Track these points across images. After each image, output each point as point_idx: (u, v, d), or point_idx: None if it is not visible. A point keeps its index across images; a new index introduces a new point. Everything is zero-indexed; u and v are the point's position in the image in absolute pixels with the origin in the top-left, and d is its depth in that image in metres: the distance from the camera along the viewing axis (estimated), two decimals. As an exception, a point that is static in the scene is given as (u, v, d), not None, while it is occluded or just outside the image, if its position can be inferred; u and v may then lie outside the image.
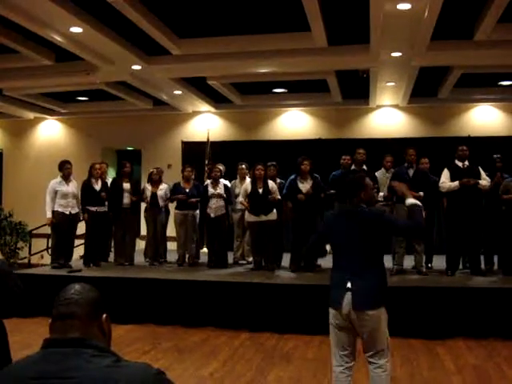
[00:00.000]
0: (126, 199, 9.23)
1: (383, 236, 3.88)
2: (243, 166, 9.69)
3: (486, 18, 7.35)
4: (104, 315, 1.80)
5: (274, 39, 8.36)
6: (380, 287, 3.76)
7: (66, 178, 8.82)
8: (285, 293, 7.38)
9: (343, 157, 8.81)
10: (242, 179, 9.47)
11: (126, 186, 9.29)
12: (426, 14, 6.93)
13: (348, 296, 3.65)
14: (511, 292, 7.04)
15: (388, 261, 6.50)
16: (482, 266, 8.22)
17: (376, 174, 8.59)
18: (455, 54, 8.96)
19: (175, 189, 9.35)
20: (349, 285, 3.67)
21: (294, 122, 13.12)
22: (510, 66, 9.83)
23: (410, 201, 3.89)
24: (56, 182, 8.81)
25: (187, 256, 9.33)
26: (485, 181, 7.95)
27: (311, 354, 6.26)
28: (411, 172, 8.20)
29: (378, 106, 12.80)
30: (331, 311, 3.81)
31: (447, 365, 5.83)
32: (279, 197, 8.50)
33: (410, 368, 5.68)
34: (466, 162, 8.08)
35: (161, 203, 9.35)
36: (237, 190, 9.28)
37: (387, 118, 12.87)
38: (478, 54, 8.73)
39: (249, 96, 12.49)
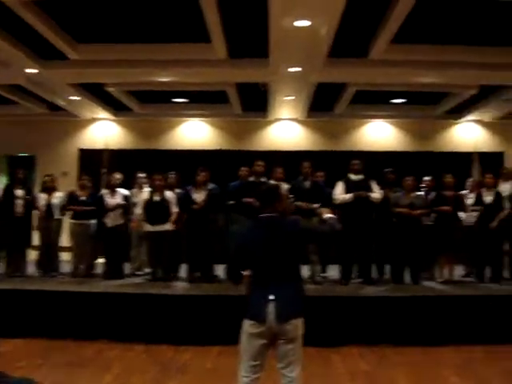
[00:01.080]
0: (19, 207, 8.84)
1: (302, 244, 3.93)
2: (142, 175, 9.56)
3: (380, 38, 7.70)
4: None
5: (175, 49, 8.34)
6: (301, 298, 3.79)
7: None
8: (181, 304, 7.31)
9: (241, 168, 8.86)
10: (140, 188, 9.32)
11: (19, 193, 8.89)
12: (324, 31, 7.16)
13: (271, 308, 3.64)
14: (401, 300, 7.37)
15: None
16: (374, 275, 8.55)
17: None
18: (351, 72, 9.32)
19: (70, 197, 9.05)
20: (271, 297, 3.65)
21: (195, 132, 13.14)
22: (402, 84, 10.35)
23: (327, 216, 4.01)
24: None
25: (82, 267, 9.05)
26: (376, 194, 8.28)
27: (209, 365, 6.22)
28: (307, 184, 8.40)
29: (277, 119, 13.06)
30: (249, 322, 3.74)
31: (340, 372, 5.98)
32: (176, 209, 8.46)
33: (305, 375, 5.74)
34: (360, 176, 8.38)
35: (56, 212, 9.02)
36: (135, 200, 9.12)
37: (286, 130, 13.16)
38: (372, 72, 9.12)
39: (149, 104, 12.38)
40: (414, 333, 7.08)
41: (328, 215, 4.02)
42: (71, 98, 11.12)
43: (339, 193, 8.28)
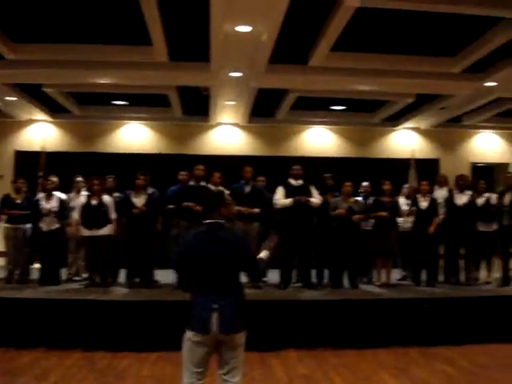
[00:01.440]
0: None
1: (240, 263, 3.85)
2: (79, 178, 9.36)
3: (320, 46, 7.82)
4: None
5: (115, 50, 8.24)
6: (244, 306, 3.79)
7: None
8: (120, 310, 7.20)
9: (181, 172, 8.78)
10: (78, 192, 9.14)
11: None
12: (265, 37, 7.20)
13: (214, 318, 3.60)
14: (340, 304, 7.49)
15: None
16: (314, 279, 8.64)
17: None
18: (291, 78, 9.42)
19: (5, 201, 8.78)
20: (216, 306, 3.62)
21: (134, 136, 12.99)
22: (342, 91, 10.53)
23: (264, 254, 4.02)
24: None
25: (17, 272, 8.78)
26: (316, 199, 8.37)
27: (147, 372, 6.14)
28: (248, 189, 8.43)
29: (219, 124, 13.06)
30: (192, 331, 3.68)
31: (279, 376, 6.01)
32: (114, 215, 8.33)
33: (244, 380, 5.75)
34: (300, 181, 8.46)
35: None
36: (72, 204, 8.92)
37: (227, 135, 13.17)
38: (313, 79, 9.25)
39: (88, 106, 12.17)
40: (352, 335, 7.20)
41: (262, 254, 4.02)
42: (7, 98, 10.80)
43: (279, 198, 8.33)
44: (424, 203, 8.77)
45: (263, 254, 4.03)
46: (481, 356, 6.82)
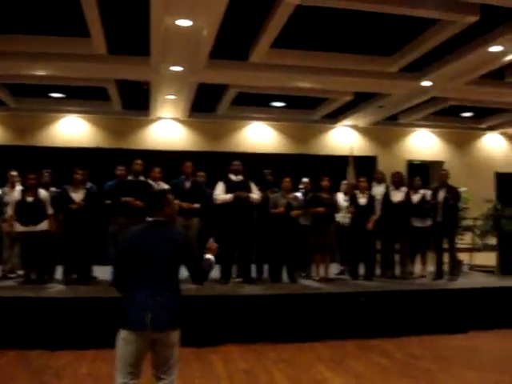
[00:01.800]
0: None
1: (181, 260, 3.83)
2: (14, 173, 9.09)
3: (261, 42, 7.86)
4: None
5: (52, 41, 8.06)
6: (180, 305, 3.76)
7: None
8: (56, 307, 7.04)
9: (119, 167, 8.66)
10: (13, 187, 8.87)
11: None
12: (205, 32, 7.18)
13: (148, 315, 3.56)
14: (279, 298, 7.55)
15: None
16: (254, 274, 8.69)
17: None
18: (232, 74, 9.43)
19: None
20: (150, 303, 3.58)
21: (72, 129, 12.72)
22: (282, 88, 10.61)
23: (209, 256, 3.96)
24: None
25: None
26: (256, 194, 8.41)
27: (85, 370, 6.02)
28: (188, 184, 8.39)
29: (159, 118, 12.94)
30: (125, 329, 3.63)
31: (219, 371, 6.02)
32: (51, 210, 8.14)
33: (182, 377, 5.73)
34: (240, 176, 8.48)
35: None
36: (6, 199, 8.66)
37: (167, 130, 13.07)
38: (253, 75, 9.29)
39: (24, 98, 11.83)
40: (291, 330, 7.28)
41: (208, 256, 3.97)
42: None
43: (219, 193, 8.34)
44: (362, 199, 8.93)
45: (209, 256, 3.98)
46: (416, 348, 7.02)
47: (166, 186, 7.98)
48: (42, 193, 8.14)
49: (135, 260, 3.70)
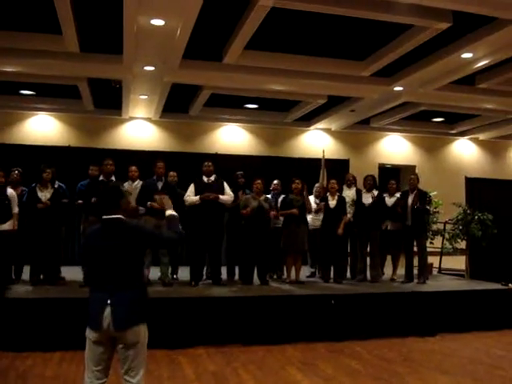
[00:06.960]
0: None
1: (145, 249, 3.82)
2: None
3: (235, 44, 7.85)
4: None
5: (23, 38, 7.95)
6: (142, 302, 3.69)
7: None
8: (23, 307, 6.91)
9: (91, 167, 8.57)
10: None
11: None
12: (179, 32, 7.15)
13: (107, 313, 3.51)
14: (249, 300, 7.53)
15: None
16: (224, 276, 8.67)
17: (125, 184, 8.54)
18: (205, 74, 9.39)
19: None
20: (109, 301, 3.53)
21: (42, 127, 12.53)
22: (255, 90, 10.62)
23: (169, 212, 3.92)
24: None
25: None
26: (227, 196, 8.39)
27: (50, 372, 5.92)
28: (160, 184, 8.33)
29: (131, 118, 12.84)
30: (88, 328, 3.62)
31: (187, 373, 5.98)
32: (16, 209, 7.98)
33: (151, 379, 5.70)
34: (212, 178, 8.45)
35: None
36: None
37: (139, 130, 12.98)
38: (226, 76, 9.27)
39: (-8, 96, 11.61)
40: (260, 332, 7.27)
41: (170, 212, 3.93)
42: None
43: (189, 194, 8.31)
44: (333, 202, 8.97)
45: (170, 211, 3.94)
46: (386, 350, 7.07)
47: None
48: (10, 191, 7.97)
49: (93, 260, 3.68)
